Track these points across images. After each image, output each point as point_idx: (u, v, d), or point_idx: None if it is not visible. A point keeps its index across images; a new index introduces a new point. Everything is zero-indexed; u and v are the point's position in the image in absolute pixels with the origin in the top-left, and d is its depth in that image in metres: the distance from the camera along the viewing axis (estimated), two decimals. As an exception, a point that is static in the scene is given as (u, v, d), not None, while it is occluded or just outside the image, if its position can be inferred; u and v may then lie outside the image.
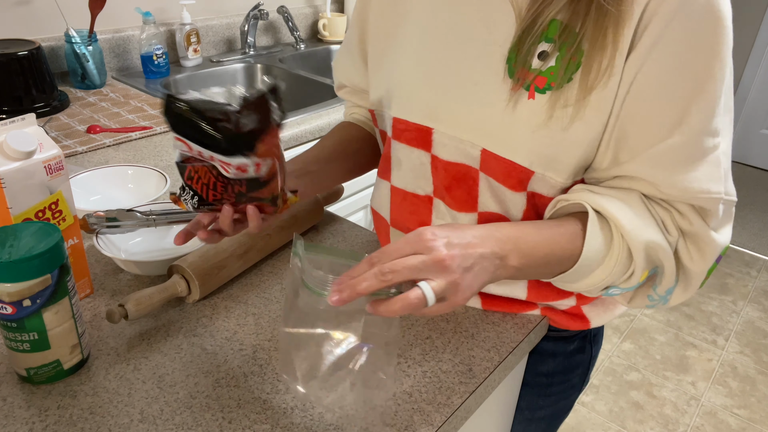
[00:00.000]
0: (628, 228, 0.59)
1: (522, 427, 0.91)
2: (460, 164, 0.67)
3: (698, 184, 0.58)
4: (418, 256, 0.51)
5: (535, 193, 0.65)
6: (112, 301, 0.74)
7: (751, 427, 1.92)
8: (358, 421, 0.59)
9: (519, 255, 0.58)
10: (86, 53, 1.46)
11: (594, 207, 0.61)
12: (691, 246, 0.62)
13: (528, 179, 0.64)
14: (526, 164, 0.62)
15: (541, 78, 0.59)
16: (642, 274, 0.62)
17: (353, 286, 0.50)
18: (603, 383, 2.07)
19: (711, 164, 0.58)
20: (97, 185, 0.97)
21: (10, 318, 0.57)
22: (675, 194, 0.59)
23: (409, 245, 0.52)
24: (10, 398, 0.60)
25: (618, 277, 0.62)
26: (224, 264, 0.75)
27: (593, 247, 0.60)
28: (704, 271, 0.63)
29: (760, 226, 3.15)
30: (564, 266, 0.62)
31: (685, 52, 0.55)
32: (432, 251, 0.51)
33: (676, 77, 0.56)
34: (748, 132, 3.76)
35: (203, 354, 0.66)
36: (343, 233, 0.92)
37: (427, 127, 0.68)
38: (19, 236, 0.57)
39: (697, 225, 0.60)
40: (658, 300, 0.67)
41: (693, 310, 2.47)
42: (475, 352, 0.69)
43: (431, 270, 0.51)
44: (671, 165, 0.58)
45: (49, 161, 0.65)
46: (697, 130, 0.57)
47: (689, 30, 0.54)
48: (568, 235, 0.61)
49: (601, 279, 0.62)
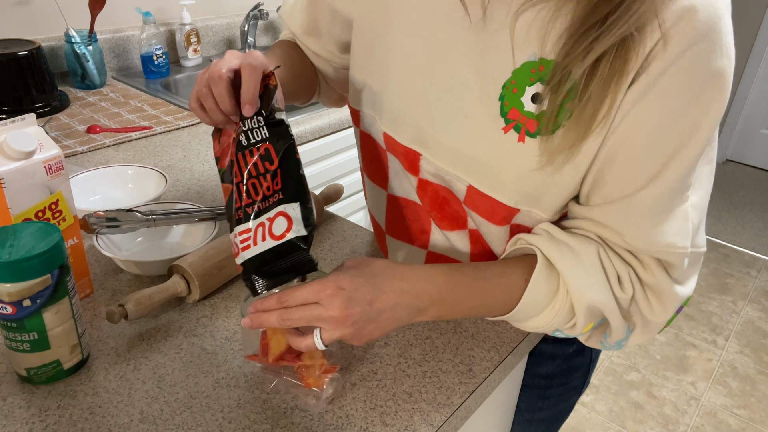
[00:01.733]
0: (573, 287, 0.59)
1: (522, 428, 0.90)
2: (449, 189, 0.67)
3: (664, 238, 0.57)
4: (316, 309, 0.55)
5: (519, 225, 0.65)
6: (112, 301, 0.74)
7: (751, 427, 1.92)
8: (358, 421, 0.59)
9: (441, 307, 0.60)
10: (86, 53, 1.46)
11: (547, 256, 0.61)
12: (651, 297, 0.61)
13: (513, 216, 0.63)
14: (512, 204, 0.61)
15: (533, 122, 0.57)
16: (585, 326, 0.62)
17: (260, 319, 0.57)
18: (603, 383, 2.07)
19: (678, 218, 0.57)
20: (97, 185, 0.97)
21: (10, 318, 0.57)
22: (640, 247, 0.58)
23: (314, 294, 0.55)
24: (10, 398, 0.60)
25: (560, 326, 0.63)
26: (224, 264, 0.75)
27: (531, 300, 0.61)
28: (664, 321, 0.63)
29: (760, 226, 3.15)
30: (495, 313, 0.63)
31: (676, 106, 0.53)
32: (329, 309, 0.54)
33: (661, 131, 0.54)
34: (748, 132, 3.76)
35: (203, 354, 0.66)
36: (343, 233, 0.92)
37: (415, 151, 0.67)
38: (19, 236, 0.57)
39: (659, 278, 0.59)
40: (611, 347, 0.68)
41: (693, 310, 2.47)
42: (475, 352, 0.69)
43: (326, 323, 0.55)
44: (640, 217, 0.57)
45: (49, 161, 0.65)
46: (671, 185, 0.55)
47: (686, 83, 0.52)
48: (507, 287, 0.62)
49: (540, 326, 0.63)
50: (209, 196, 1.00)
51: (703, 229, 0.60)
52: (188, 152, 1.19)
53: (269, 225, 0.55)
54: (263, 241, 0.55)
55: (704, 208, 0.59)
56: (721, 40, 0.51)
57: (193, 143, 1.23)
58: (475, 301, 0.61)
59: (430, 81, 0.63)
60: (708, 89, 0.52)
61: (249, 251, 0.55)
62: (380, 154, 0.74)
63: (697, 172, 0.57)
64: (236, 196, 0.56)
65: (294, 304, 0.56)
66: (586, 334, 0.67)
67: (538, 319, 0.62)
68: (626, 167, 0.56)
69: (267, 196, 0.56)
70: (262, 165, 0.56)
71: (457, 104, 0.62)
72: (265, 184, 0.56)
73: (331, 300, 0.54)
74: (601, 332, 0.67)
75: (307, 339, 0.57)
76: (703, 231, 0.60)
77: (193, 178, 1.07)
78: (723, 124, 3.79)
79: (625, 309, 0.62)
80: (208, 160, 1.15)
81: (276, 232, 0.55)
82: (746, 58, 3.58)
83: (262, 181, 0.56)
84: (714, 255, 2.88)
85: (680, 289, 0.60)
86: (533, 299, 0.61)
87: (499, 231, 0.66)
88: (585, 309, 0.60)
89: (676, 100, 0.52)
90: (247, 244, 0.55)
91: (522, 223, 0.64)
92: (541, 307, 0.61)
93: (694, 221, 0.58)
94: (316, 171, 1.53)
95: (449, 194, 0.67)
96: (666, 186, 0.55)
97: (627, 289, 0.60)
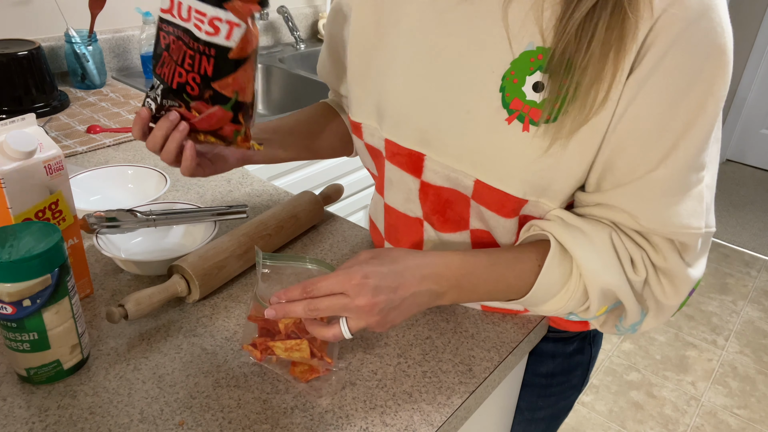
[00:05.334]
0: (586, 270, 0.60)
1: (522, 427, 0.91)
2: (452, 189, 0.67)
3: (679, 219, 0.57)
4: (342, 299, 0.56)
5: (527, 216, 0.66)
6: (112, 301, 0.74)
7: (751, 427, 1.92)
8: (358, 421, 0.59)
9: (458, 291, 0.62)
10: (86, 53, 1.46)
11: (560, 241, 0.61)
12: (664, 281, 0.61)
13: (521, 207, 0.64)
14: (520, 195, 0.62)
15: (536, 110, 0.58)
16: (599, 309, 0.63)
17: (285, 309, 0.58)
18: (603, 383, 2.07)
19: (694, 199, 0.57)
20: (97, 185, 0.97)
21: (10, 318, 0.57)
22: (654, 227, 0.59)
23: (339, 284, 0.56)
24: (10, 398, 0.60)
25: (574, 309, 0.64)
26: (224, 264, 0.75)
27: (544, 285, 0.62)
28: (677, 305, 0.63)
29: (760, 226, 3.15)
30: (510, 297, 0.64)
31: (680, 84, 0.53)
32: (357, 296, 0.56)
33: (668, 111, 0.54)
34: (748, 132, 3.77)
35: (203, 354, 0.66)
36: (343, 233, 0.92)
37: (418, 152, 0.67)
38: (19, 236, 0.57)
39: (671, 261, 0.60)
40: (625, 330, 0.68)
41: (693, 310, 2.47)
42: (475, 352, 0.69)
43: (353, 312, 0.57)
44: (654, 198, 0.58)
45: (49, 161, 0.65)
46: (683, 165, 0.56)
47: (688, 61, 0.52)
48: (521, 272, 0.63)
49: (554, 309, 0.64)
50: (209, 196, 1.00)
51: (713, 209, 0.61)
52: (188, 152, 1.19)
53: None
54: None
55: (714, 187, 0.60)
56: (719, 17, 0.52)
57: (193, 143, 1.23)
58: (490, 286, 0.63)
59: (430, 82, 0.64)
60: (709, 66, 0.53)
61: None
62: (380, 164, 0.74)
63: (708, 151, 0.57)
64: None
65: (320, 294, 0.57)
66: (601, 318, 0.68)
67: (553, 302, 0.63)
68: (636, 151, 0.57)
69: None
70: None
71: (458, 102, 0.62)
72: None
73: (357, 290, 0.56)
74: (615, 316, 0.67)
75: (333, 328, 0.58)
76: (713, 211, 0.61)
77: (193, 178, 1.07)
78: (723, 124, 3.80)
79: (639, 292, 0.62)
80: (208, 160, 1.15)
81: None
82: (746, 57, 3.58)
83: None
84: (714, 255, 2.88)
85: (692, 271, 0.61)
86: (547, 283, 0.61)
87: (509, 224, 0.66)
88: (598, 292, 0.60)
89: (680, 80, 0.53)
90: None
91: (530, 214, 0.65)
92: (554, 290, 0.62)
93: (707, 201, 0.59)
94: (316, 171, 1.53)
95: (453, 195, 0.67)
96: (678, 166, 0.56)
97: (640, 272, 0.61)
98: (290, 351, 0.62)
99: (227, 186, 1.04)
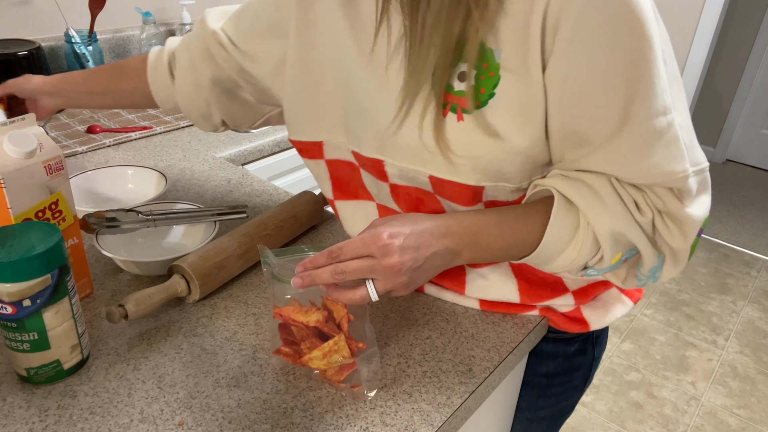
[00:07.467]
0: (592, 217, 0.60)
1: (522, 427, 0.90)
2: (417, 188, 0.68)
3: (659, 168, 0.57)
4: (370, 261, 0.57)
5: (494, 200, 0.66)
6: (112, 301, 0.74)
7: (751, 427, 1.92)
8: (358, 421, 0.59)
9: (474, 249, 0.62)
10: (86, 53, 1.46)
11: (563, 193, 0.61)
12: (670, 224, 0.62)
13: (481, 192, 0.64)
14: (474, 182, 0.62)
15: (465, 99, 0.59)
16: (613, 257, 0.62)
17: (312, 276, 0.59)
18: (603, 383, 2.07)
19: (670, 144, 0.57)
20: (97, 185, 0.97)
21: (10, 318, 0.57)
22: (640, 182, 0.59)
23: (365, 246, 0.57)
24: (10, 398, 0.60)
25: (587, 260, 0.63)
26: (224, 264, 0.75)
27: (554, 236, 0.62)
28: (687, 248, 0.63)
29: (760, 226, 3.15)
30: (524, 253, 0.65)
31: (605, 43, 0.53)
32: (385, 257, 0.56)
33: (606, 69, 0.54)
34: (748, 132, 3.77)
35: (203, 354, 0.66)
36: (343, 233, 0.92)
37: (378, 159, 0.68)
38: (19, 236, 0.57)
39: (670, 204, 0.60)
40: (646, 278, 0.67)
41: (693, 310, 2.47)
42: (475, 352, 0.69)
43: (380, 274, 0.57)
44: (628, 155, 0.58)
45: (49, 161, 0.65)
46: (645, 115, 0.56)
47: (601, 22, 0.53)
48: (531, 225, 0.63)
49: (567, 263, 0.64)
50: (209, 196, 1.00)
51: (698, 145, 0.60)
52: (188, 152, 1.19)
53: None
54: None
55: (689, 126, 0.60)
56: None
57: (193, 143, 1.24)
58: (503, 241, 0.63)
59: (368, 92, 0.65)
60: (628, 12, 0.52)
61: None
62: (354, 171, 0.75)
63: (668, 93, 0.57)
64: None
65: (346, 257, 0.57)
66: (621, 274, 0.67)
67: (566, 255, 0.63)
68: (592, 115, 0.57)
69: None
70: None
71: (396, 104, 0.63)
72: None
73: (384, 250, 0.56)
74: (634, 266, 0.66)
75: (360, 290, 0.58)
76: (698, 147, 0.60)
77: (193, 178, 1.07)
78: (723, 124, 3.80)
79: (650, 235, 0.62)
80: (208, 161, 1.15)
81: None
82: (746, 58, 3.58)
83: None
84: (714, 255, 2.88)
85: (692, 211, 0.60)
86: (558, 233, 0.61)
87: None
88: (608, 237, 0.60)
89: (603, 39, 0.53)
90: None
91: (495, 197, 0.65)
92: (565, 241, 0.62)
93: (686, 141, 0.58)
94: (316, 171, 1.53)
95: (421, 193, 0.68)
96: (641, 119, 0.56)
97: (646, 213, 0.61)
98: (329, 355, 0.60)
99: (227, 186, 1.04)
